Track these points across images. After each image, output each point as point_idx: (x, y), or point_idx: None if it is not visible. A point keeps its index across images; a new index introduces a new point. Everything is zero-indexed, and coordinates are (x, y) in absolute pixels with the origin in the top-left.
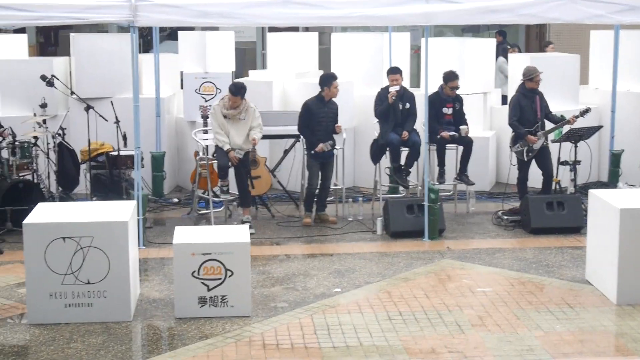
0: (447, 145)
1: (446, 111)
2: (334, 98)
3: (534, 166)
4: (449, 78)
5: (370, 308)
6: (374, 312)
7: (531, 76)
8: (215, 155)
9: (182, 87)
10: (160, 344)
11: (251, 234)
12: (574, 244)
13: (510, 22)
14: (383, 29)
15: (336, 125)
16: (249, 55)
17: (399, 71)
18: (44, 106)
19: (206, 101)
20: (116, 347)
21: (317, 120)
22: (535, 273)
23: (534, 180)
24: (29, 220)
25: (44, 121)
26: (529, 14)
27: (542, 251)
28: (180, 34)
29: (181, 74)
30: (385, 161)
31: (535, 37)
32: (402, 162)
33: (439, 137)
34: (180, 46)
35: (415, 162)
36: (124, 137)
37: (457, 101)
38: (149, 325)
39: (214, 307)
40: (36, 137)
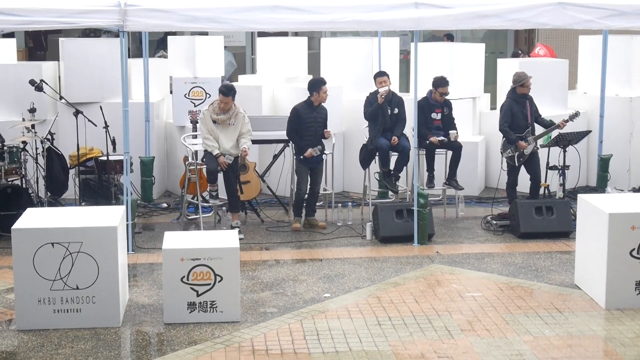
0: (437, 150)
1: (435, 116)
2: (323, 103)
3: (522, 171)
4: (439, 84)
5: (359, 313)
6: (364, 317)
7: (522, 82)
8: (204, 160)
9: (171, 91)
10: (149, 349)
11: (240, 239)
12: (562, 248)
13: (499, 27)
14: (372, 34)
15: (325, 131)
16: (238, 60)
17: (386, 74)
18: (32, 111)
19: (195, 106)
20: (105, 353)
21: (306, 125)
22: (524, 278)
23: (522, 185)
24: (17, 225)
25: (33, 126)
26: (518, 19)
27: (531, 256)
28: (169, 38)
29: (170, 79)
30: (375, 166)
31: (525, 43)
32: (392, 167)
33: (428, 142)
34: (170, 51)
35: (405, 167)
36: (113, 142)
37: (446, 106)
38: (138, 331)
39: (203, 313)
40: (25, 142)
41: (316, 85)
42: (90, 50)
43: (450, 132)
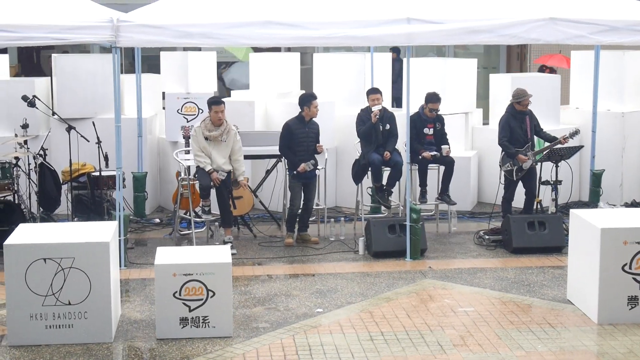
0: (429, 165)
1: (427, 131)
2: (314, 118)
3: (517, 186)
4: (430, 99)
5: (352, 328)
6: (356, 332)
7: (519, 99)
8: (196, 175)
9: (164, 107)
10: None
11: (233, 254)
12: (555, 263)
13: (491, 42)
14: (365, 49)
15: (317, 145)
16: None
17: (379, 91)
18: (25, 127)
19: (188, 121)
20: None
21: (298, 140)
22: (517, 293)
23: (516, 199)
24: (9, 241)
25: (25, 142)
26: (510, 35)
27: (524, 271)
28: (162, 54)
29: (163, 94)
30: (367, 181)
31: (517, 58)
32: (384, 182)
33: (420, 157)
34: (162, 66)
35: (397, 182)
36: (106, 158)
37: (438, 121)
38: (130, 347)
39: (195, 328)
40: (17, 158)
41: (306, 99)
42: (82, 66)
43: (442, 147)
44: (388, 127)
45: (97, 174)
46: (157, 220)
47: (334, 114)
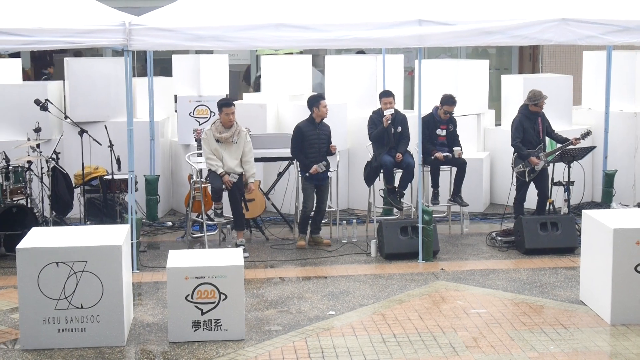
0: (441, 167)
1: (440, 132)
2: (324, 118)
3: (529, 187)
4: (446, 102)
5: (364, 330)
6: (368, 335)
7: (536, 101)
8: (208, 178)
9: (176, 110)
10: None
11: (245, 257)
12: (568, 264)
13: (503, 43)
14: (377, 51)
15: (331, 146)
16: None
17: (392, 94)
18: (37, 130)
19: (200, 124)
20: None
21: (310, 142)
22: (529, 294)
23: (528, 200)
24: (22, 245)
25: (38, 145)
26: (521, 36)
27: (536, 272)
28: (174, 57)
29: (175, 97)
30: (379, 183)
31: (529, 59)
32: (396, 183)
33: (432, 158)
34: (174, 69)
35: (409, 184)
36: (118, 161)
37: (450, 123)
38: (142, 350)
39: (207, 331)
40: (30, 162)
41: (315, 100)
42: (95, 69)
43: (454, 148)
44: (400, 129)
45: (109, 177)
46: (170, 224)
47: (346, 116)
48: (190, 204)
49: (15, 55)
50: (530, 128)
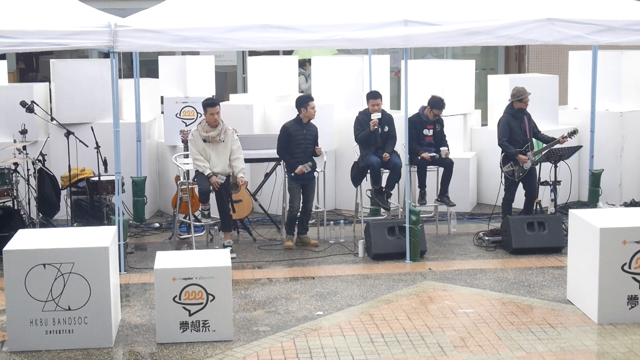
0: (428, 167)
1: (427, 132)
2: (312, 119)
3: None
4: (435, 105)
5: (352, 331)
6: (356, 335)
7: (520, 97)
8: (196, 179)
9: (162, 111)
10: None
11: (232, 258)
12: (555, 264)
13: (489, 43)
14: (363, 52)
15: (316, 148)
16: (229, 79)
17: (379, 95)
18: (24, 132)
19: (187, 125)
20: None
21: (296, 142)
22: (516, 293)
23: (515, 200)
24: (9, 247)
25: (24, 147)
26: (507, 36)
27: (524, 271)
28: (160, 58)
29: (161, 99)
30: (366, 183)
31: (515, 59)
32: (383, 184)
33: (419, 158)
34: (161, 71)
35: (396, 184)
36: (105, 163)
37: (437, 123)
38: (130, 351)
39: (195, 332)
40: (16, 164)
41: (303, 101)
42: (81, 71)
43: (441, 148)
44: (387, 129)
45: (96, 179)
46: (157, 225)
47: (332, 117)
48: (177, 205)
49: (1, 57)
50: (517, 127)
